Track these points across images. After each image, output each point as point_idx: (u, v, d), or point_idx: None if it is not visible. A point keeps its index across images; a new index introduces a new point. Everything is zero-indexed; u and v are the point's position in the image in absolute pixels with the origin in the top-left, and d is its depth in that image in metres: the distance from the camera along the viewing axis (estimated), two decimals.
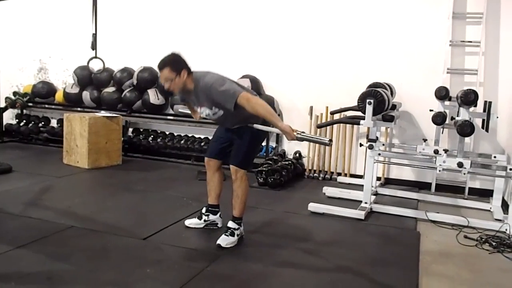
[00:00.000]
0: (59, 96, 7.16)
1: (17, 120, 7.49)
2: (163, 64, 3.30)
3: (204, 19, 6.44)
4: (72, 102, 7.03)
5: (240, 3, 6.26)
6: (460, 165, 4.06)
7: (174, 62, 3.30)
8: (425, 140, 5.01)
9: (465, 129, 4.01)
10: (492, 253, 3.58)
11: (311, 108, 5.94)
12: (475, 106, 4.47)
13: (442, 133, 5.11)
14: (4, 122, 7.45)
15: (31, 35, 7.46)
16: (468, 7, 5.30)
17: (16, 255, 3.10)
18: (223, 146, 3.58)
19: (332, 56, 5.85)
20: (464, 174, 4.19)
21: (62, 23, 7.22)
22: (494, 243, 3.70)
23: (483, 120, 4.47)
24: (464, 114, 4.29)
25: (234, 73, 6.05)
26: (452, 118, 4.85)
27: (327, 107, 5.81)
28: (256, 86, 5.97)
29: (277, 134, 6.11)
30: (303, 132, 3.15)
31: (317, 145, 5.93)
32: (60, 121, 6.93)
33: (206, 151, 3.82)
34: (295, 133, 3.11)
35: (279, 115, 6.02)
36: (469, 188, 5.27)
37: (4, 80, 7.69)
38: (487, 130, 4.48)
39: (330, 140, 3.11)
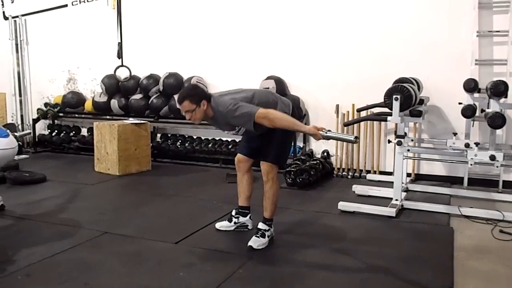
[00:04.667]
0: (88, 105, 7.32)
1: (49, 130, 7.68)
2: (182, 98, 3.31)
3: (228, 22, 6.47)
4: (101, 111, 7.17)
5: (263, 4, 6.27)
6: (493, 158, 3.97)
7: (193, 94, 3.32)
8: (455, 134, 4.91)
9: (496, 121, 3.92)
10: None
11: (337, 106, 5.90)
12: (506, 97, 4.35)
13: (473, 126, 5.00)
14: (37, 133, 7.66)
15: (60, 47, 7.63)
16: None
17: (53, 262, 3.18)
18: (254, 146, 3.57)
19: (357, 53, 5.81)
20: (497, 167, 4.10)
21: (88, 34, 7.37)
22: None
23: None
24: (494, 106, 4.20)
25: (258, 74, 6.11)
26: (482, 111, 4.74)
27: (353, 105, 5.76)
28: (281, 87, 5.97)
29: (304, 134, 6.10)
30: (329, 131, 3.12)
31: (344, 143, 5.90)
32: (90, 130, 7.07)
33: (238, 147, 3.82)
34: (321, 132, 3.11)
35: (304, 115, 6.02)
36: (503, 181, 5.15)
37: (35, 92, 7.94)
38: None
39: (357, 137, 3.07)
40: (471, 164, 4.15)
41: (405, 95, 4.22)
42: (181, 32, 6.76)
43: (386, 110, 4.58)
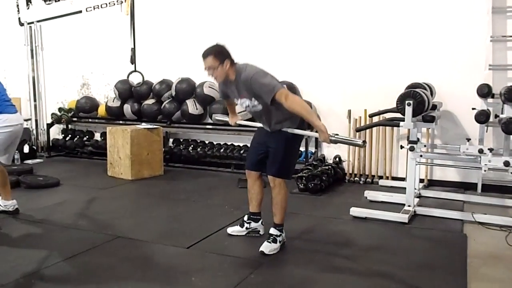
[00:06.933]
0: (101, 110, 7.38)
1: (63, 135, 7.76)
2: (207, 53, 3.40)
3: (240, 27, 6.49)
4: (114, 115, 7.23)
5: (275, 10, 6.29)
6: (507, 164, 3.93)
7: (218, 52, 3.39)
8: (468, 139, 4.87)
9: (511, 126, 3.89)
10: None
11: (349, 111, 5.89)
12: None
13: (486, 131, 4.96)
14: (51, 137, 7.74)
15: (74, 53, 7.72)
16: (508, 1, 5.14)
17: (66, 266, 3.21)
18: (260, 157, 3.59)
19: (369, 58, 5.79)
20: (511, 173, 4.05)
21: (102, 40, 7.44)
22: None
23: None
24: (508, 111, 4.16)
25: None
26: (496, 116, 4.69)
27: (365, 110, 5.75)
28: (293, 92, 5.94)
29: (316, 139, 6.09)
30: (336, 135, 3.16)
31: (356, 148, 5.87)
32: (104, 135, 7.13)
33: (246, 160, 3.84)
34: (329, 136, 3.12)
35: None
36: None
37: (49, 97, 8.03)
38: None
39: (364, 142, 3.07)
40: (484, 170, 4.11)
41: (418, 101, 4.20)
42: (193, 38, 6.78)
43: (398, 115, 4.56)
